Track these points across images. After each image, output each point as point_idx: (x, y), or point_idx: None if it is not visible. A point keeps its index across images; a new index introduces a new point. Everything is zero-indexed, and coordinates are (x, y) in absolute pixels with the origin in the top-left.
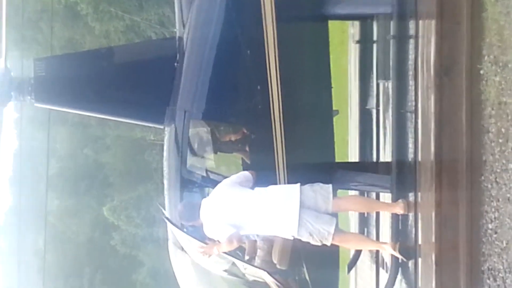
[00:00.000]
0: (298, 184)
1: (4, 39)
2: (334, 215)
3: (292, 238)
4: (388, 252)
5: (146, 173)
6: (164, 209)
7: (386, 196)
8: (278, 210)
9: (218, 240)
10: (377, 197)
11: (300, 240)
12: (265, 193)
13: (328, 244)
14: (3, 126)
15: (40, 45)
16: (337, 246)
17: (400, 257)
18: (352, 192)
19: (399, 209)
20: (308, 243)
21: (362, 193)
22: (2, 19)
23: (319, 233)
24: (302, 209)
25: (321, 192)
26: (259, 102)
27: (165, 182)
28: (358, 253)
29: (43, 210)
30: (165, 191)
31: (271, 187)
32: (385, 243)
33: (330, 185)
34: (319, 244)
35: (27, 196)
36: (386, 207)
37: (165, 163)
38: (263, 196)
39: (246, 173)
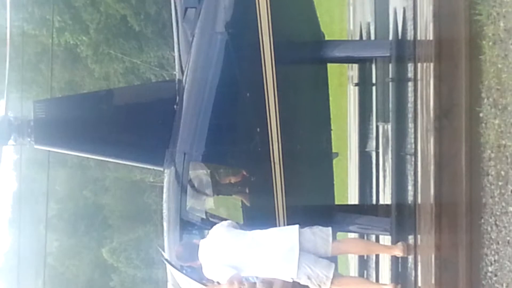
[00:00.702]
0: (297, 226)
1: (6, 82)
2: (333, 258)
3: (291, 281)
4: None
5: (146, 215)
6: (163, 251)
7: (385, 239)
8: (277, 252)
9: (217, 282)
10: (377, 239)
11: (299, 283)
12: (264, 235)
13: None
14: (3, 167)
15: (40, 87)
16: None
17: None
18: (351, 235)
19: (398, 252)
20: (307, 286)
21: (361, 236)
22: (6, 63)
23: (317, 277)
24: (301, 252)
25: (320, 235)
26: (258, 145)
27: (165, 224)
28: None
29: (43, 252)
30: (165, 233)
31: (270, 230)
32: (385, 285)
33: (330, 228)
34: None
35: (27, 237)
36: (386, 249)
37: (164, 205)
38: (262, 238)
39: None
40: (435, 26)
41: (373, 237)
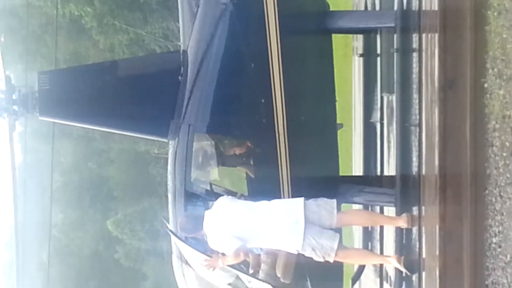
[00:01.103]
0: (302, 198)
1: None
2: (338, 230)
3: (296, 253)
4: (392, 265)
5: (150, 186)
6: (168, 223)
7: (390, 210)
8: (282, 225)
9: (222, 253)
10: (381, 211)
11: (305, 259)
12: (269, 207)
13: (331, 260)
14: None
15: (45, 58)
16: (341, 270)
17: (404, 270)
18: (356, 206)
19: (403, 223)
20: (313, 265)
21: (366, 207)
22: None
23: (322, 249)
24: (306, 224)
25: (325, 206)
26: (263, 116)
27: (169, 195)
28: (362, 267)
29: (47, 224)
30: (169, 204)
31: (275, 201)
32: (389, 256)
33: (335, 200)
34: (322, 260)
35: (31, 209)
36: (390, 221)
37: (169, 177)
38: (267, 210)
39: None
40: None
41: (378, 209)
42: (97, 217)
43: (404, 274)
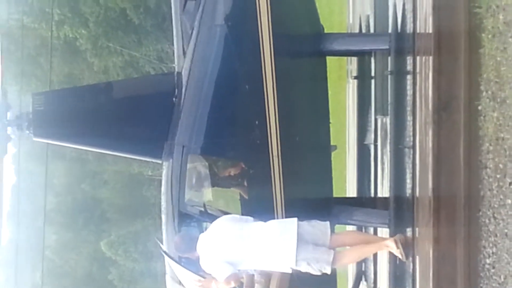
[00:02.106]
0: (295, 219)
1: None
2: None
3: (290, 271)
4: (391, 249)
5: (144, 208)
6: (162, 244)
7: (384, 232)
8: (275, 243)
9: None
10: (375, 232)
11: (297, 275)
12: (263, 227)
13: (328, 272)
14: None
15: (39, 80)
16: (335, 281)
17: (400, 256)
18: (349, 228)
19: (387, 247)
20: (306, 279)
21: (360, 228)
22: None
23: (317, 262)
24: (299, 242)
25: (319, 227)
26: (257, 137)
27: (163, 216)
28: (356, 286)
29: (41, 245)
30: (163, 225)
31: (269, 222)
32: (386, 239)
33: (328, 222)
34: (319, 273)
35: (25, 230)
36: (383, 241)
37: (163, 198)
38: (261, 230)
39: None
40: (435, 19)
41: (371, 230)
42: (90, 238)
43: (398, 261)
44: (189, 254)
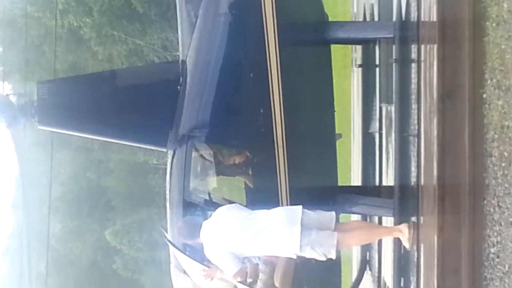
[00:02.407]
0: (300, 206)
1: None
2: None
3: (295, 257)
4: (403, 235)
5: (149, 197)
6: (167, 233)
7: (388, 221)
8: (280, 229)
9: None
10: (380, 221)
11: (302, 264)
12: (268, 214)
13: (333, 257)
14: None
15: (43, 69)
16: (339, 270)
17: (407, 245)
18: (354, 217)
19: (400, 233)
20: (311, 268)
21: (364, 218)
22: None
23: (321, 246)
24: (303, 227)
25: (324, 215)
26: (262, 125)
27: (168, 205)
28: (360, 276)
29: (46, 234)
30: (168, 214)
31: (274, 209)
32: (393, 228)
33: (333, 212)
34: (324, 258)
35: (30, 219)
36: (388, 231)
37: (167, 187)
38: (266, 217)
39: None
40: (439, 7)
41: (376, 219)
42: (95, 227)
43: (403, 249)
44: (192, 240)
